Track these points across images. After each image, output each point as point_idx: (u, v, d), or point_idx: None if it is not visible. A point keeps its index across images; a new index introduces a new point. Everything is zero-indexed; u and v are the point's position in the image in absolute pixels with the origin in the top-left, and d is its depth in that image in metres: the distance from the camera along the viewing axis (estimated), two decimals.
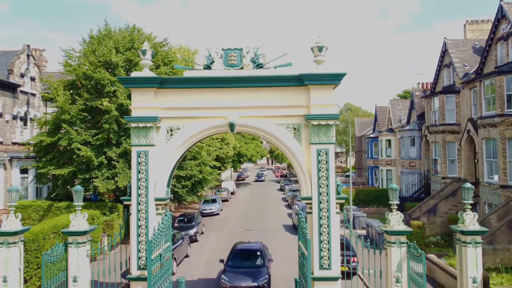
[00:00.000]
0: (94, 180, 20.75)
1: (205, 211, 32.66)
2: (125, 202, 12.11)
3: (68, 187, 22.25)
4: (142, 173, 11.62)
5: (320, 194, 11.43)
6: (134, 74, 11.87)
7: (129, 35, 23.24)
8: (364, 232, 24.45)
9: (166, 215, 11.70)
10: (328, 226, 11.39)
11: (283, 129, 11.82)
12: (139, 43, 23.12)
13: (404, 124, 37.29)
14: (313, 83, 11.45)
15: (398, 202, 11.91)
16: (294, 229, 26.78)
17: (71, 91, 22.77)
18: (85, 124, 22.47)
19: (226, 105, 11.77)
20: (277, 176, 79.88)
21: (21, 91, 26.62)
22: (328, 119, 11.40)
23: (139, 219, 11.61)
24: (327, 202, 11.40)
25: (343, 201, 11.87)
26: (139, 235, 11.61)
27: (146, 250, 10.84)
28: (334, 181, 11.54)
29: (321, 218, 11.42)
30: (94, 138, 21.48)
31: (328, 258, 11.28)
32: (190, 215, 25.01)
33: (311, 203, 11.64)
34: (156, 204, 11.81)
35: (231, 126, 11.75)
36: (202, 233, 25.44)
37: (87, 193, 21.64)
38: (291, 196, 38.02)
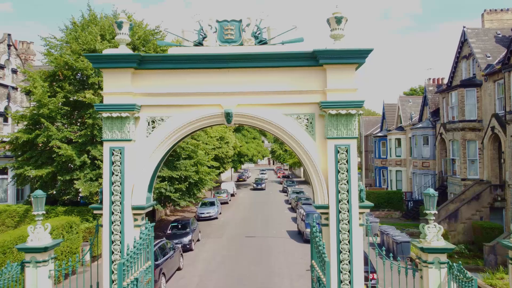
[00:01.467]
0: (75, 182, 18.42)
1: (203, 215, 30.30)
2: (95, 211, 9.76)
3: (56, 191, 19.91)
4: (117, 175, 9.29)
5: (339, 201, 9.10)
6: (106, 51, 9.52)
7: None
8: (377, 240, 22.07)
9: (146, 228, 9.36)
10: (349, 242, 9.05)
11: (292, 120, 9.48)
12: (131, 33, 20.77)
13: (416, 122, 34.89)
14: (330, 61, 9.10)
15: (436, 212, 9.57)
16: (300, 235, 24.42)
17: (53, 83, 20.42)
18: (67, 120, 20.15)
19: (221, 90, 9.44)
20: (279, 177, 77.49)
21: (1, 84, 24.32)
22: (349, 107, 9.07)
23: (112, 233, 9.27)
24: (348, 211, 9.06)
25: (367, 210, 9.52)
26: (112, 252, 9.27)
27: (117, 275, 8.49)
28: (356, 185, 9.20)
29: (340, 231, 9.08)
30: (76, 135, 19.15)
31: (350, 283, 8.93)
32: (185, 221, 22.65)
33: (327, 213, 9.31)
34: (134, 214, 9.48)
35: (228, 116, 9.41)
36: (198, 240, 23.09)
37: (67, 197, 19.29)
38: (295, 198, 35.66)
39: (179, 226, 21.93)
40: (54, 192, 19.58)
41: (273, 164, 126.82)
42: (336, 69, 9.18)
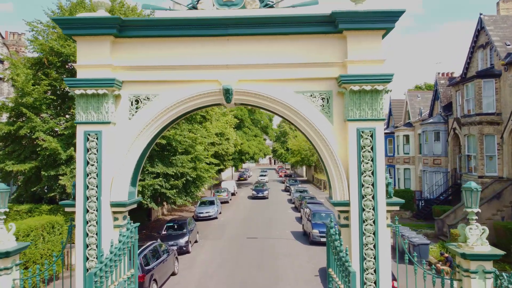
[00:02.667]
0: (61, 177, 16.80)
1: (201, 215, 28.65)
2: (66, 209, 8.12)
3: (40, 187, 18.26)
4: (92, 165, 7.67)
5: (363, 197, 7.47)
6: (81, 14, 7.88)
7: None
8: (391, 241, 20.37)
9: (128, 229, 7.72)
10: (375, 246, 7.42)
11: (305, 99, 7.85)
12: (119, 14, 19.16)
13: (426, 117, 33.19)
14: (352, 26, 7.49)
15: (479, 210, 7.92)
16: (305, 237, 22.77)
17: (38, 71, 18.79)
18: (54, 111, 18.53)
19: (219, 63, 7.82)
20: (280, 176, 75.82)
21: None
22: (375, 82, 7.45)
23: (87, 235, 7.65)
24: (373, 209, 7.45)
25: (396, 207, 7.87)
26: (87, 258, 7.65)
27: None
28: (383, 177, 7.57)
29: (364, 233, 7.46)
30: (62, 127, 17.54)
31: None
32: (181, 221, 21.01)
33: (347, 211, 7.69)
34: (114, 212, 7.86)
35: (227, 93, 7.78)
36: (196, 241, 21.45)
37: (52, 194, 17.65)
38: (299, 197, 34.00)
39: (175, 227, 20.30)
40: (39, 190, 17.96)
41: (274, 163, 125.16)
42: (359, 36, 7.56)
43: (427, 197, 29.75)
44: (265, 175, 66.28)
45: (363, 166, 7.50)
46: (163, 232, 19.77)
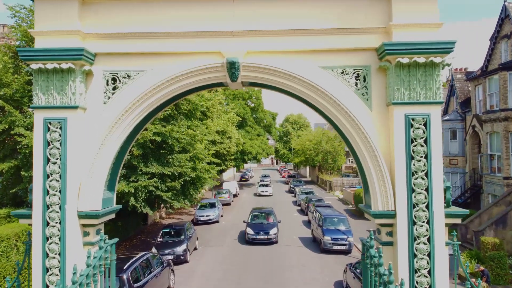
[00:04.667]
0: None
1: (202, 218, 26.75)
2: (21, 220, 6.24)
3: (20, 189, 16.39)
4: (54, 163, 5.82)
5: (414, 206, 5.61)
6: None
7: None
8: None
9: (101, 247, 5.81)
10: (430, 272, 5.56)
11: (333, 77, 5.98)
12: None
13: (442, 114, 31.21)
14: None
15: None
16: (315, 243, 20.85)
17: (21, 60, 16.90)
18: None
19: (222, 29, 5.96)
20: (283, 177, 73.81)
21: None
22: (431, 53, 5.59)
23: (47, 256, 5.80)
24: (428, 222, 5.57)
25: (458, 220, 5.96)
26: (47, 287, 5.78)
27: None
28: (441, 179, 5.70)
29: (415, 255, 5.57)
30: None
31: None
32: (179, 226, 19.09)
33: (391, 224, 5.81)
34: (84, 225, 6.01)
35: (232, 68, 5.90)
36: (195, 249, 19.54)
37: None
38: (305, 199, 32.06)
39: (172, 233, 18.38)
40: (20, 192, 16.09)
41: (277, 163, 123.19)
42: None
43: None
44: (267, 184, 45.70)
45: (414, 165, 5.63)
46: (159, 239, 17.89)
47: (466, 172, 27.19)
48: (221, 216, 29.49)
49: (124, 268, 10.83)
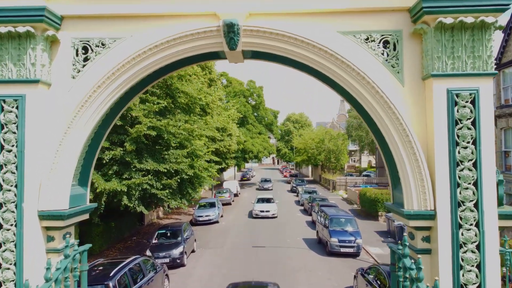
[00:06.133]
0: None
1: (201, 219, 25.56)
2: None
3: None
4: (9, 151, 4.72)
5: (459, 205, 4.47)
6: None
7: None
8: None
9: (67, 256, 4.64)
10: (480, 287, 4.39)
11: (355, 44, 4.84)
12: None
13: None
14: None
15: None
16: (321, 245, 19.67)
17: None
18: None
19: None
20: (285, 176, 72.61)
21: None
22: (481, 11, 4.44)
23: (0, 266, 4.65)
24: (477, 225, 4.41)
25: (510, 223, 4.79)
26: None
27: None
28: (493, 171, 4.54)
29: (461, 266, 4.42)
30: None
31: None
32: (176, 227, 17.91)
33: (429, 228, 4.66)
34: (47, 228, 4.90)
35: (230, 32, 4.75)
36: (193, 251, 18.37)
37: None
38: (308, 199, 30.85)
39: (168, 234, 17.20)
40: None
41: (278, 163, 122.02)
42: None
43: None
44: (268, 199, 29.97)
45: (459, 152, 4.47)
46: (154, 241, 16.73)
47: None
48: (221, 216, 28.32)
49: (111, 274, 9.68)
